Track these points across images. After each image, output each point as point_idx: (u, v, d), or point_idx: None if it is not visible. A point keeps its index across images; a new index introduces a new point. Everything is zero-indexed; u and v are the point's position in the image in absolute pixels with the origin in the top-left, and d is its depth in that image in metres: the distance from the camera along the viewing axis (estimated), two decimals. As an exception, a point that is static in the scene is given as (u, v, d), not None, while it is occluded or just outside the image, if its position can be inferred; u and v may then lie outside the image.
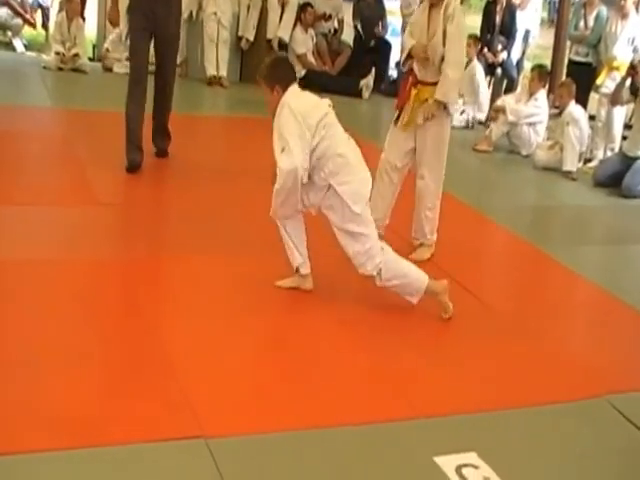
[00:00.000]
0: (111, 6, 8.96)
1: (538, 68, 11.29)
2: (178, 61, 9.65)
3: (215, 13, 12.90)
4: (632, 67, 9.87)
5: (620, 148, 10.45)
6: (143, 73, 8.23)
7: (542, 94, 10.86)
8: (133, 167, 7.95)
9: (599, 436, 4.41)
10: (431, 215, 6.62)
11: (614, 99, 10.22)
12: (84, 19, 13.24)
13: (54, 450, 3.66)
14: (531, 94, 10.80)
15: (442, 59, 6.23)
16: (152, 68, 8.46)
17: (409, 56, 6.47)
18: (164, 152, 8.56)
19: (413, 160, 6.59)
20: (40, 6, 15.84)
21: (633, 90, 9.80)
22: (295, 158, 5.23)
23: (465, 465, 3.91)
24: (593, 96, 11.63)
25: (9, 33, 14.76)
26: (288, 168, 5.22)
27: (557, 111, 10.57)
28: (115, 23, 9.69)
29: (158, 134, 8.56)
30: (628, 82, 9.82)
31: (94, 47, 14.05)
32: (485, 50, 12.95)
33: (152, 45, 8.28)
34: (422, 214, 6.62)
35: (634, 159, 9.47)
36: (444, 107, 6.36)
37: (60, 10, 13.29)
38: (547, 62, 12.81)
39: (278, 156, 5.29)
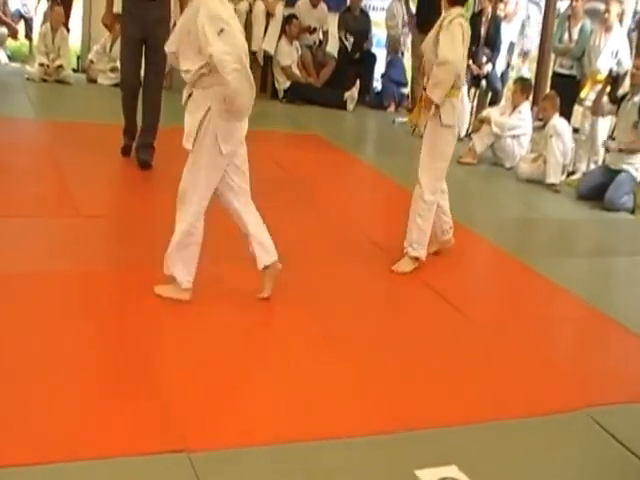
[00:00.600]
0: (106, 11, 9.01)
1: (521, 81, 11.33)
2: (163, 72, 9.72)
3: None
4: (610, 76, 9.95)
5: (603, 161, 10.48)
6: (135, 80, 8.52)
7: (526, 106, 10.88)
8: (128, 152, 8.76)
9: (580, 449, 4.43)
10: (421, 223, 6.59)
11: (594, 109, 10.28)
12: (68, 30, 13.20)
13: (37, 464, 3.65)
14: (514, 106, 10.81)
15: None
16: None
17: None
18: (148, 164, 8.58)
19: None
20: (22, 17, 15.79)
21: (612, 99, 9.87)
22: (240, 40, 5.15)
23: (446, 478, 3.91)
24: (577, 109, 11.65)
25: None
26: (240, 47, 5.13)
27: (541, 123, 10.58)
28: (110, 28, 9.78)
29: (143, 147, 8.60)
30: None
31: (78, 58, 14.02)
32: (470, 62, 12.95)
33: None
34: (413, 220, 6.62)
35: (617, 172, 9.50)
36: (439, 119, 6.48)
37: (44, 21, 13.27)
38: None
39: (215, 40, 5.02)
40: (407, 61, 14.73)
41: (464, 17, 6.54)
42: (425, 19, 13.12)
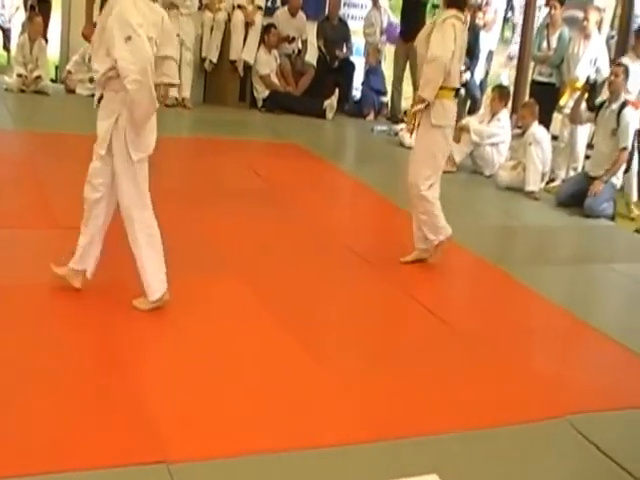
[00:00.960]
0: (85, 22, 9.00)
1: (498, 88, 11.35)
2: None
3: (178, 35, 12.83)
4: (588, 84, 10.00)
5: (583, 168, 10.51)
6: None
7: (504, 114, 10.89)
8: None
9: (560, 457, 4.41)
10: (427, 218, 6.82)
11: (572, 117, 10.34)
12: (47, 40, 13.13)
13: (18, 476, 3.62)
14: (493, 114, 10.83)
15: None
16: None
17: None
18: None
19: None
20: (0, 28, 15.72)
21: (590, 106, 9.92)
22: (147, 51, 5.03)
23: (426, 488, 3.91)
24: (556, 116, 11.68)
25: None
26: (145, 59, 5.02)
27: (520, 131, 10.60)
28: (89, 39, 9.76)
29: None
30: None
31: (57, 68, 13.96)
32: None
33: None
34: (418, 219, 6.86)
35: (596, 179, 9.52)
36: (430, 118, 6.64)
37: (22, 32, 13.21)
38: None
39: (121, 46, 4.97)
40: (386, 70, 14.75)
41: (459, 19, 6.61)
42: (409, 29, 13.27)
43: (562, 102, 11.18)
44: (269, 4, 14.17)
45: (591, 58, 10.93)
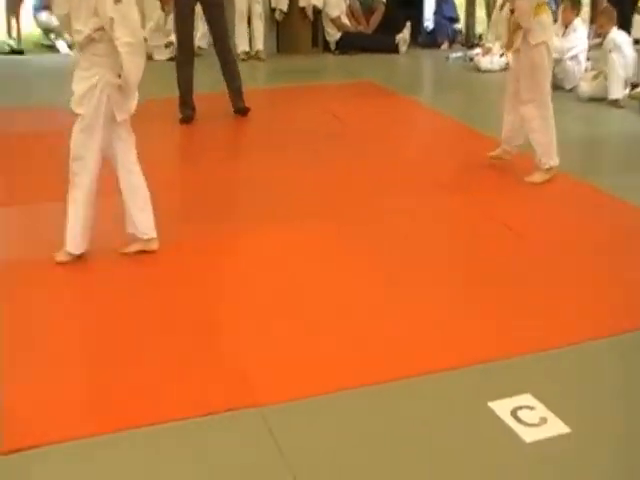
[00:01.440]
0: None
1: (569, -3, 11.03)
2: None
3: (243, -12, 12.85)
4: None
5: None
6: (190, 45, 9.09)
7: (579, 22, 10.57)
8: (187, 119, 9.04)
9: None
10: (537, 138, 7.07)
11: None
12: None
13: (113, 432, 3.72)
14: (566, 25, 10.51)
15: None
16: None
17: None
18: (245, 110, 9.21)
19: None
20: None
21: None
22: (135, 13, 5.12)
23: (520, 407, 3.85)
24: (637, 19, 11.35)
25: (52, 35, 14.77)
26: (134, 20, 5.09)
27: (600, 40, 10.30)
28: (166, 2, 10.12)
29: (236, 96, 9.20)
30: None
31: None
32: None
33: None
34: (532, 139, 7.10)
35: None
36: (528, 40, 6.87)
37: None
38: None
39: (112, 7, 4.95)
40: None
41: None
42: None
43: (641, 2, 10.88)
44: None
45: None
